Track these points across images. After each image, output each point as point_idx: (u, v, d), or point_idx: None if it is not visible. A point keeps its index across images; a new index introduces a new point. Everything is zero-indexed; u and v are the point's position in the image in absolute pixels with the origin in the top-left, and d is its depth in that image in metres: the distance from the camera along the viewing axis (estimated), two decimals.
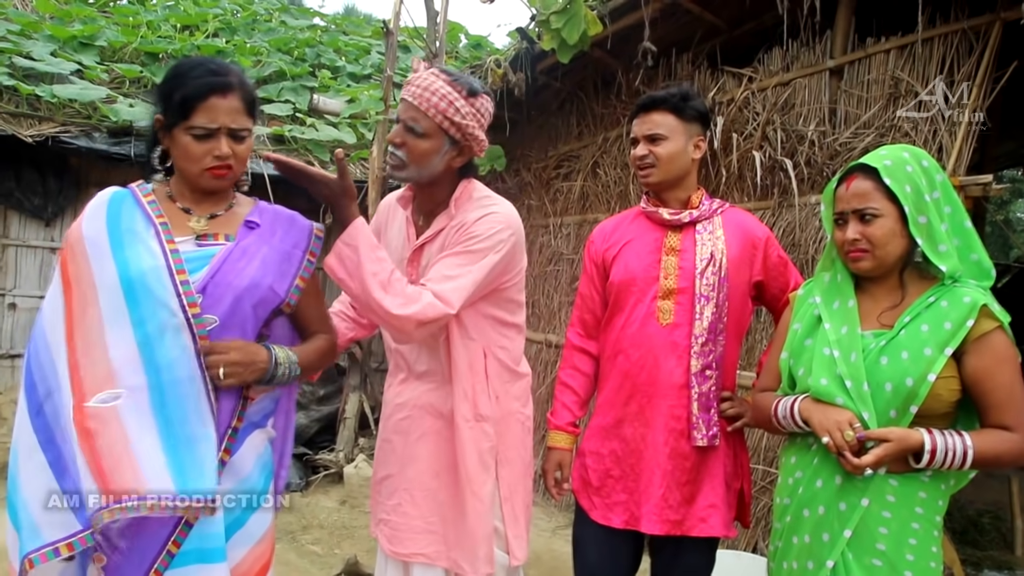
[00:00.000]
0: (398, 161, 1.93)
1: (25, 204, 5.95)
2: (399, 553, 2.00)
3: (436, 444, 2.01)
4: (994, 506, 4.93)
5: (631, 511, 2.12)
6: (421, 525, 1.99)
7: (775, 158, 3.86)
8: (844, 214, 1.72)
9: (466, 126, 1.90)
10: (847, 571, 1.65)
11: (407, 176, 1.95)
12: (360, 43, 9.34)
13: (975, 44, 3.26)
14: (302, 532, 4.40)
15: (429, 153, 1.90)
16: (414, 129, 1.89)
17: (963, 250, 1.69)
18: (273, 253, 1.69)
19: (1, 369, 6.03)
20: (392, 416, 2.09)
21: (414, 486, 2.01)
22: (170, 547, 1.53)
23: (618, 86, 4.93)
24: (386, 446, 2.10)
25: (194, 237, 1.64)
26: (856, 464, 1.59)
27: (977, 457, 1.58)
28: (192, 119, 1.57)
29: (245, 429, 1.67)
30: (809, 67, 3.86)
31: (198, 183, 1.65)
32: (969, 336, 1.60)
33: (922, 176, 1.66)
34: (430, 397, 2.03)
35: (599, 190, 5.14)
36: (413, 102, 1.89)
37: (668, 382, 2.10)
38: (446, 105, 1.87)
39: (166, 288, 1.55)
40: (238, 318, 1.62)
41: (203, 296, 1.58)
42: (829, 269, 1.84)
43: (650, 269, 2.15)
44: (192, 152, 1.59)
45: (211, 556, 1.57)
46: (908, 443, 1.58)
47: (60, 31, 6.75)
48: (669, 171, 2.14)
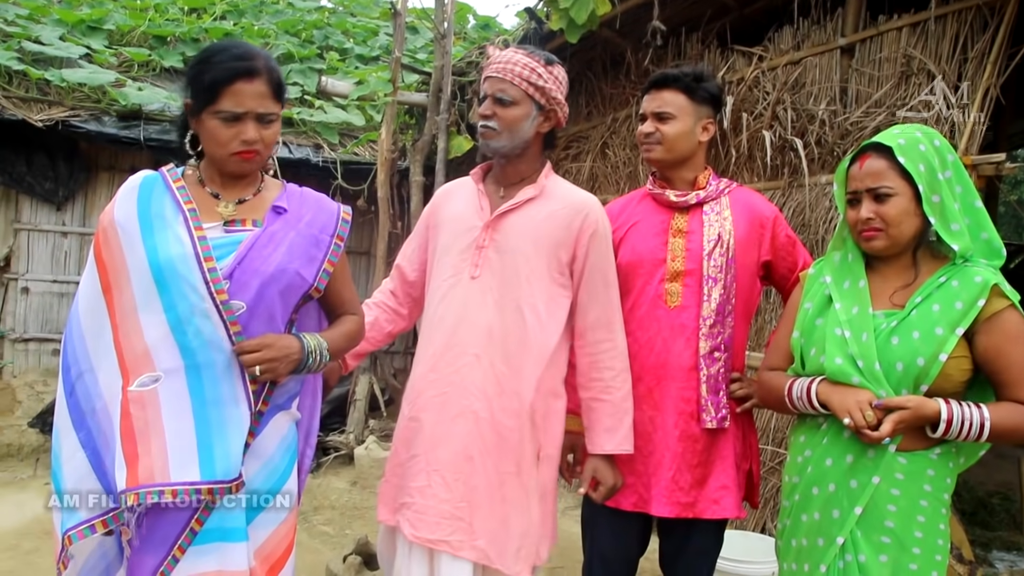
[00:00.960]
0: (491, 131, 1.98)
1: (36, 188, 5.98)
2: (424, 539, 1.86)
3: (474, 425, 1.89)
4: (1004, 487, 4.93)
5: (639, 493, 2.12)
6: (449, 510, 1.86)
7: (785, 138, 3.83)
8: (857, 193, 1.71)
9: (549, 90, 1.98)
10: (856, 548, 1.66)
11: (500, 145, 1.98)
12: (368, 24, 9.28)
13: (989, 21, 3.21)
14: (313, 513, 4.44)
15: (519, 119, 1.97)
16: (503, 99, 1.96)
17: (974, 229, 1.69)
18: (300, 239, 1.70)
19: (15, 352, 6.09)
20: (423, 392, 1.96)
21: (445, 467, 1.88)
22: (193, 525, 1.56)
23: (627, 66, 4.90)
24: (412, 424, 1.96)
25: (222, 223, 1.65)
26: (874, 437, 1.59)
27: (994, 429, 1.58)
28: (218, 103, 1.58)
29: (269, 412, 1.69)
30: (820, 46, 3.82)
31: (226, 167, 1.66)
32: (980, 316, 1.60)
33: (935, 155, 1.66)
34: (472, 373, 1.91)
35: (608, 171, 5.12)
36: (498, 75, 1.97)
37: (676, 364, 2.10)
38: (528, 72, 1.96)
39: (194, 274, 1.57)
40: (265, 304, 1.63)
41: (230, 283, 1.59)
42: (840, 248, 1.83)
43: (657, 251, 2.14)
44: (220, 136, 1.60)
45: (232, 535, 1.61)
46: (925, 411, 1.58)
47: (68, 15, 6.75)
48: (672, 150, 2.13)
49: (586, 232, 1.98)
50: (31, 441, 5.31)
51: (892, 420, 1.58)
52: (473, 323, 1.93)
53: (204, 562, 1.57)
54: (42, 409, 5.31)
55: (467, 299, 1.95)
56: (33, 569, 3.50)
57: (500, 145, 1.98)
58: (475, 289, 1.95)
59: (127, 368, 1.56)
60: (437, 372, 1.95)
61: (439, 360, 1.95)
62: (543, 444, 1.96)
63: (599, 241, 2.00)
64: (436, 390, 1.94)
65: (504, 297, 1.94)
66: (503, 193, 2.04)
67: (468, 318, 1.94)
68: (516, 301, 1.94)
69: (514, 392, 1.91)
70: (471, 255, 1.97)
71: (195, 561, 1.56)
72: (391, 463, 2.04)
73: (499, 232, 1.97)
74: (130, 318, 1.57)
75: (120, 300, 1.59)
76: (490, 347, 1.92)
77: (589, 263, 1.99)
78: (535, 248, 1.95)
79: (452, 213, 2.07)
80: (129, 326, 1.57)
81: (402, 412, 2.05)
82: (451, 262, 1.99)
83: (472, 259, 1.97)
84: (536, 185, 2.01)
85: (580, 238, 1.98)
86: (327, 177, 6.16)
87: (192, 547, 1.56)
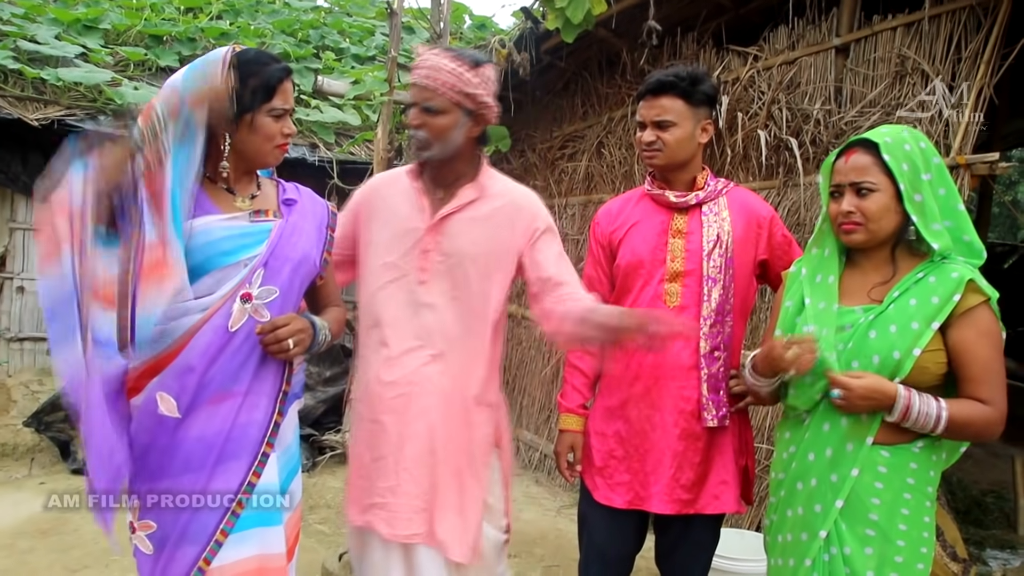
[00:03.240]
0: (422, 142, 1.96)
1: (32, 188, 5.95)
2: (401, 536, 1.93)
3: (434, 421, 1.96)
4: (998, 486, 4.95)
5: (635, 491, 2.13)
6: (419, 504, 1.93)
7: (780, 137, 3.84)
8: (840, 187, 1.74)
9: (477, 95, 1.94)
10: (840, 541, 1.68)
11: (431, 154, 1.97)
12: (364, 24, 9.28)
13: (983, 21, 3.22)
14: (309, 512, 4.44)
15: (448, 128, 1.94)
16: (430, 108, 1.93)
17: (955, 232, 1.72)
18: (311, 228, 1.82)
19: (11, 352, 6.07)
20: (382, 395, 1.98)
21: (413, 464, 1.95)
22: (235, 508, 1.62)
23: (623, 65, 4.90)
24: (374, 427, 1.99)
25: (247, 214, 1.72)
26: (841, 405, 1.64)
27: (951, 423, 1.61)
28: (273, 101, 1.70)
29: (289, 398, 1.77)
30: (815, 45, 3.83)
31: (268, 160, 1.76)
32: (956, 310, 1.63)
33: (920, 156, 1.69)
34: (429, 373, 1.97)
35: (604, 170, 5.13)
36: (423, 83, 1.93)
37: (675, 364, 2.11)
38: (455, 80, 1.91)
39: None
40: (294, 290, 1.75)
41: (264, 270, 1.68)
42: (819, 244, 1.85)
43: (657, 252, 2.15)
44: (270, 131, 1.71)
45: (271, 519, 1.68)
46: (883, 387, 1.61)
47: (64, 14, 6.74)
48: (676, 156, 2.14)
49: (531, 228, 2.02)
50: (26, 441, 5.29)
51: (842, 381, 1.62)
52: (426, 325, 1.98)
53: (246, 547, 1.63)
54: (37, 408, 5.29)
55: (417, 302, 1.98)
56: (28, 569, 3.49)
57: (431, 154, 1.97)
58: (423, 292, 1.97)
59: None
60: (394, 374, 1.98)
61: (395, 363, 1.99)
62: (501, 434, 2.07)
63: (546, 235, 2.05)
64: (395, 392, 1.98)
65: (455, 300, 1.98)
66: (442, 194, 2.03)
67: (420, 321, 1.98)
68: (466, 303, 1.98)
69: (468, 388, 1.99)
70: (416, 259, 1.98)
71: (237, 547, 1.61)
72: (355, 465, 2.07)
73: (443, 235, 1.98)
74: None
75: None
76: (444, 348, 1.98)
77: (538, 255, 2.03)
78: (481, 250, 1.98)
79: (389, 210, 2.06)
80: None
81: (358, 413, 2.09)
82: (394, 263, 2.00)
83: (418, 263, 1.98)
84: (476, 185, 2.02)
85: (526, 235, 2.02)
86: (323, 176, 6.14)
87: (234, 533, 1.62)
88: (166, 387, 1.59)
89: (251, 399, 1.67)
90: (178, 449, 1.60)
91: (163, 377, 1.58)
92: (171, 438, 1.60)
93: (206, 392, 1.61)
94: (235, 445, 1.64)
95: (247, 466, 1.65)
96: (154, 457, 1.60)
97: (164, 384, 1.58)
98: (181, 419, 1.60)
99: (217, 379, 1.62)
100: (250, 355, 1.66)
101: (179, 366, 1.59)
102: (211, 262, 1.63)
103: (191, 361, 1.59)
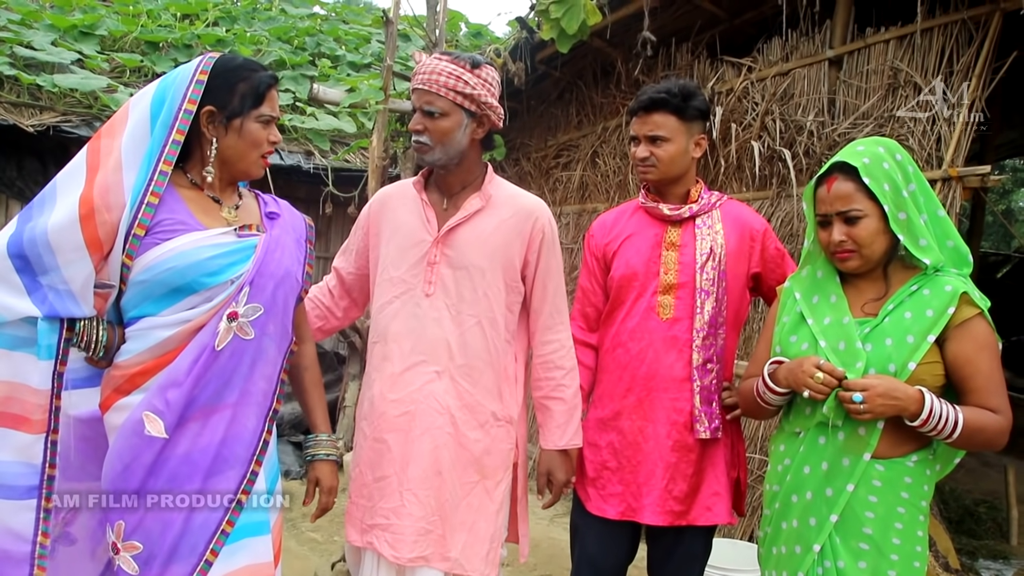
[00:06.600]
0: (424, 146, 1.94)
1: (27, 193, 5.94)
2: (405, 559, 1.87)
3: (441, 440, 1.92)
4: (990, 496, 4.96)
5: (627, 502, 2.13)
6: (424, 526, 1.88)
7: (774, 148, 3.86)
8: (828, 216, 1.73)
9: (478, 96, 1.92)
10: (834, 554, 1.68)
11: (435, 158, 1.95)
12: (360, 32, 9.30)
13: (975, 34, 3.25)
14: (302, 520, 4.42)
15: (451, 130, 1.92)
16: (431, 112, 1.91)
17: (940, 238, 1.72)
18: (292, 243, 1.79)
19: None
20: (385, 413, 1.95)
21: (417, 485, 1.90)
22: (225, 527, 1.61)
23: (617, 75, 4.92)
24: (378, 446, 1.95)
25: (233, 228, 1.69)
26: (856, 410, 1.60)
27: (965, 428, 1.60)
28: (263, 107, 1.69)
29: (277, 415, 1.77)
30: (808, 57, 3.86)
31: (251, 169, 1.73)
32: (951, 323, 1.64)
33: (898, 171, 1.69)
34: (434, 390, 1.93)
35: (598, 180, 5.14)
36: (424, 87, 1.92)
37: (668, 376, 2.11)
38: (455, 81, 1.90)
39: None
40: (277, 306, 1.71)
41: (250, 288, 1.64)
42: (811, 265, 1.85)
43: (651, 264, 2.16)
44: (257, 137, 1.70)
45: (259, 529, 1.66)
46: (901, 386, 1.60)
47: (60, 20, 6.74)
48: (669, 171, 2.15)
49: (537, 238, 2.01)
50: None
51: (861, 383, 1.60)
52: (431, 340, 1.95)
53: (236, 559, 1.61)
54: None
55: (423, 316, 1.95)
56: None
57: (435, 159, 1.96)
58: (430, 306, 1.95)
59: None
60: (398, 392, 1.95)
61: (399, 380, 1.96)
62: (519, 453, 2.05)
63: (548, 245, 2.04)
64: (399, 410, 1.94)
65: (461, 313, 1.95)
66: (447, 204, 2.01)
67: (426, 335, 1.95)
68: (475, 316, 1.96)
69: (477, 405, 1.95)
70: (422, 271, 1.96)
71: (228, 560, 1.60)
72: (356, 484, 2.01)
73: (450, 247, 1.97)
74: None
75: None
76: (450, 363, 1.95)
77: (541, 267, 2.03)
78: (489, 262, 1.96)
79: (396, 223, 2.04)
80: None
81: (362, 431, 2.03)
82: (401, 277, 1.98)
83: (424, 276, 1.96)
84: (482, 194, 2.00)
85: (531, 244, 2.01)
86: (318, 184, 6.15)
87: (225, 548, 1.60)
88: (152, 407, 1.55)
89: (240, 413, 1.64)
90: (163, 467, 1.57)
91: (149, 396, 1.56)
92: (157, 455, 1.56)
93: (193, 407, 1.58)
94: (223, 463, 1.61)
95: (237, 483, 1.62)
96: (135, 475, 1.55)
97: (150, 403, 1.55)
98: (167, 438, 1.57)
99: (203, 396, 1.59)
100: (235, 373, 1.63)
101: (164, 383, 1.56)
102: (198, 283, 1.60)
103: (177, 378, 1.56)
